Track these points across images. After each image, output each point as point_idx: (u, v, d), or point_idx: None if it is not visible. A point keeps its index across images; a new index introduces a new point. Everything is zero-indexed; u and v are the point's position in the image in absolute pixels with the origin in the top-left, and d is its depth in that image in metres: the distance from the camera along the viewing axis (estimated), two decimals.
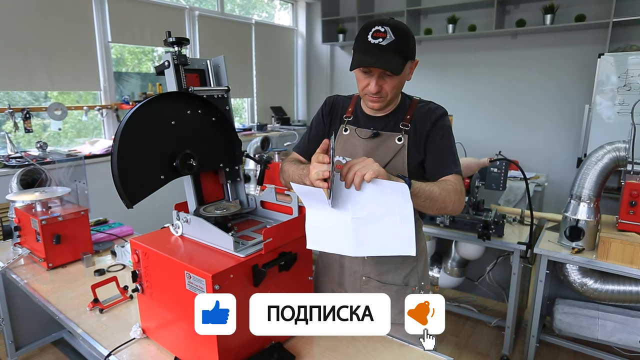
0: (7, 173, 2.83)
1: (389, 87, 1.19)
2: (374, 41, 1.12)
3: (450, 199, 1.15)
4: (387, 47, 1.11)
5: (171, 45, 1.17)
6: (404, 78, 1.21)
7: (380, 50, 1.11)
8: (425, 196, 1.10)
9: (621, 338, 2.17)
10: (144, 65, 4.24)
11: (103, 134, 3.91)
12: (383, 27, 1.11)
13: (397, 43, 1.11)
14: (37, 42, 3.23)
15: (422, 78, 5.09)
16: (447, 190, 1.15)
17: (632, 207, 1.92)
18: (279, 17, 5.82)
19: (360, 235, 1.02)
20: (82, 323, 1.34)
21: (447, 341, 2.67)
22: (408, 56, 1.16)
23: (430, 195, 1.11)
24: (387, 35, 1.11)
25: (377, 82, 1.17)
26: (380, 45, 1.11)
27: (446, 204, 1.15)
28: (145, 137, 1.05)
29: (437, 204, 1.14)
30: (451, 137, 1.26)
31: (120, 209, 1.16)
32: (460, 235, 2.37)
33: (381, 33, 1.11)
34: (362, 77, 1.20)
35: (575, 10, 4.02)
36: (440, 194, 1.13)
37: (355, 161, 0.99)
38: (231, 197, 1.33)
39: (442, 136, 1.24)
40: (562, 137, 4.36)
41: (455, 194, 1.17)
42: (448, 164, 1.22)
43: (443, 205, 1.15)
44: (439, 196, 1.13)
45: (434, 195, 1.11)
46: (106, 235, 2.03)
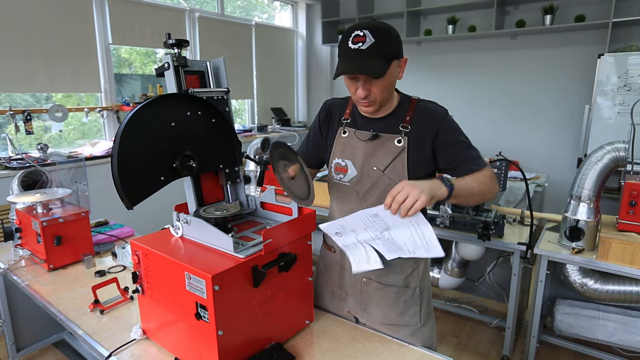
0: (8, 175, 2.84)
1: (377, 90, 1.18)
2: (354, 46, 1.12)
3: (488, 189, 1.22)
4: (368, 51, 1.11)
5: (171, 47, 1.18)
6: (392, 78, 1.20)
7: (360, 55, 1.11)
8: (466, 195, 1.16)
9: (622, 338, 2.17)
10: (148, 67, 4.25)
11: (104, 135, 3.92)
12: (362, 31, 1.11)
13: (378, 45, 1.11)
14: (38, 44, 3.24)
15: (422, 79, 5.09)
16: (483, 183, 1.20)
17: (632, 207, 1.92)
18: (279, 19, 5.83)
19: (388, 244, 1.11)
20: (82, 324, 1.34)
21: (448, 342, 2.67)
22: (391, 56, 1.15)
23: (470, 192, 1.17)
24: (367, 38, 1.10)
25: (364, 86, 1.17)
26: (360, 50, 1.11)
27: (484, 195, 1.23)
28: (146, 139, 1.06)
29: (476, 198, 1.21)
30: (461, 133, 1.27)
31: (120, 210, 1.17)
32: (460, 236, 2.37)
33: (360, 37, 1.11)
34: (349, 84, 1.21)
35: (575, 10, 4.03)
36: (479, 189, 1.19)
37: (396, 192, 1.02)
38: (231, 198, 1.33)
39: (455, 139, 1.25)
40: (562, 138, 4.36)
41: (491, 181, 1.23)
42: (476, 162, 1.24)
43: (481, 198, 1.23)
44: (478, 191, 1.19)
45: (473, 192, 1.18)
46: (107, 236, 2.03)
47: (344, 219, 1.10)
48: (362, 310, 1.37)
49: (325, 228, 1.13)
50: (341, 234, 1.14)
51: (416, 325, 1.35)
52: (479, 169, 1.22)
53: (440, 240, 1.03)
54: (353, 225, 1.11)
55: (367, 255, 1.15)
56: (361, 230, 1.11)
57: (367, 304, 1.36)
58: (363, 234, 1.12)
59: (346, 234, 1.14)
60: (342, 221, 1.10)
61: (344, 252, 1.18)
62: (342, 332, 1.27)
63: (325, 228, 1.13)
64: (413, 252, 1.08)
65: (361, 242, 1.14)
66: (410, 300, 1.35)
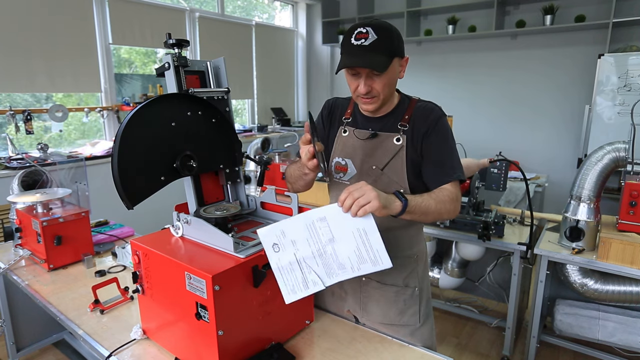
0: (8, 175, 2.85)
1: (379, 86, 1.19)
2: (356, 42, 1.13)
3: (446, 209, 1.19)
4: (370, 47, 1.12)
5: (171, 47, 1.18)
6: (394, 76, 1.21)
7: (363, 50, 1.13)
8: (421, 212, 1.14)
9: (622, 338, 2.17)
10: (147, 67, 4.26)
11: (104, 135, 3.92)
12: (365, 28, 1.13)
13: (380, 41, 1.12)
14: (38, 44, 3.24)
15: (423, 79, 5.09)
16: (442, 202, 1.18)
17: (632, 208, 1.92)
18: (279, 19, 5.83)
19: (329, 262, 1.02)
20: (83, 324, 1.34)
21: (448, 342, 2.67)
22: (393, 53, 1.16)
23: (426, 211, 1.15)
24: (369, 35, 1.12)
25: (365, 82, 1.18)
26: (363, 46, 1.12)
27: (441, 215, 1.19)
28: (146, 139, 1.06)
29: (432, 217, 1.18)
30: (449, 141, 1.26)
31: (120, 210, 1.17)
32: (460, 236, 2.37)
33: (363, 34, 1.13)
34: (351, 80, 1.21)
35: (575, 10, 4.03)
36: (435, 208, 1.16)
37: (354, 188, 1.00)
38: (231, 198, 1.33)
39: (440, 141, 1.24)
40: (563, 138, 4.36)
41: (451, 203, 1.19)
42: (446, 171, 1.23)
43: (438, 217, 1.19)
44: (435, 210, 1.16)
45: (429, 210, 1.15)
46: (107, 236, 2.03)
47: (287, 221, 1.01)
48: (362, 310, 1.37)
49: (264, 235, 1.01)
50: (279, 246, 1.01)
51: (415, 325, 1.35)
52: (448, 180, 1.22)
53: (441, 240, 1.03)
54: (295, 232, 1.00)
55: (304, 277, 1.01)
56: (302, 242, 1.00)
57: (367, 303, 1.36)
58: (304, 248, 1.00)
59: (285, 247, 1.01)
60: (285, 225, 1.00)
61: (275, 278, 1.02)
62: (342, 332, 1.27)
63: (263, 235, 1.01)
64: (358, 269, 1.01)
65: (299, 262, 1.01)
66: (410, 300, 1.35)
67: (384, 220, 1.03)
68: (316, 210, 1.02)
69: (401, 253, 1.32)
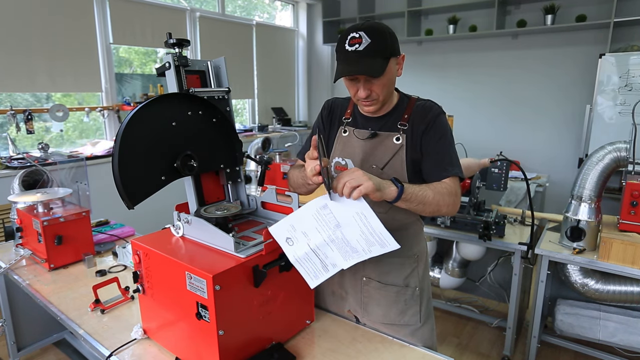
0: (9, 174, 2.85)
1: (378, 89, 1.19)
2: (351, 48, 1.13)
3: (444, 202, 1.18)
4: (365, 51, 1.12)
5: (172, 46, 1.18)
6: (392, 76, 1.21)
7: (358, 56, 1.13)
8: (418, 201, 1.13)
9: (623, 338, 2.16)
10: (148, 67, 4.26)
11: (104, 135, 3.92)
12: (357, 33, 1.13)
13: (374, 44, 1.12)
14: (38, 44, 3.24)
15: (423, 78, 5.09)
16: (441, 194, 1.17)
17: (633, 208, 1.92)
18: (279, 18, 5.83)
19: (342, 246, 1.04)
20: (83, 324, 1.34)
21: (449, 342, 2.67)
22: (389, 54, 1.16)
23: (423, 200, 1.14)
24: (363, 39, 1.12)
25: (364, 86, 1.18)
26: (357, 52, 1.12)
27: (440, 207, 1.18)
28: (146, 138, 1.06)
29: (430, 208, 1.17)
30: (448, 137, 1.26)
31: (121, 209, 1.17)
32: (461, 236, 2.37)
33: (356, 39, 1.13)
34: (350, 85, 1.22)
35: (576, 10, 4.02)
36: (433, 198, 1.15)
37: (345, 173, 1.03)
38: (232, 198, 1.33)
39: (438, 137, 1.24)
40: (563, 138, 4.36)
41: (449, 196, 1.19)
42: (445, 167, 1.23)
43: (437, 209, 1.18)
44: (432, 200, 1.15)
45: (427, 200, 1.14)
46: (107, 236, 2.04)
47: (294, 214, 1.05)
48: (362, 310, 1.37)
49: (275, 231, 1.04)
50: (292, 239, 1.04)
51: (416, 325, 1.35)
52: (447, 175, 1.21)
53: (441, 240, 1.03)
54: (304, 224, 1.04)
55: (323, 263, 1.04)
56: (313, 230, 1.04)
57: (367, 303, 1.36)
58: (315, 237, 1.03)
59: (297, 239, 1.04)
60: (292, 218, 1.05)
61: (297, 269, 1.04)
62: (342, 332, 1.27)
63: (274, 232, 1.04)
64: (369, 251, 1.03)
65: (314, 251, 1.03)
66: (410, 300, 1.35)
67: (384, 220, 1.03)
68: (315, 200, 1.05)
69: (402, 253, 1.31)
